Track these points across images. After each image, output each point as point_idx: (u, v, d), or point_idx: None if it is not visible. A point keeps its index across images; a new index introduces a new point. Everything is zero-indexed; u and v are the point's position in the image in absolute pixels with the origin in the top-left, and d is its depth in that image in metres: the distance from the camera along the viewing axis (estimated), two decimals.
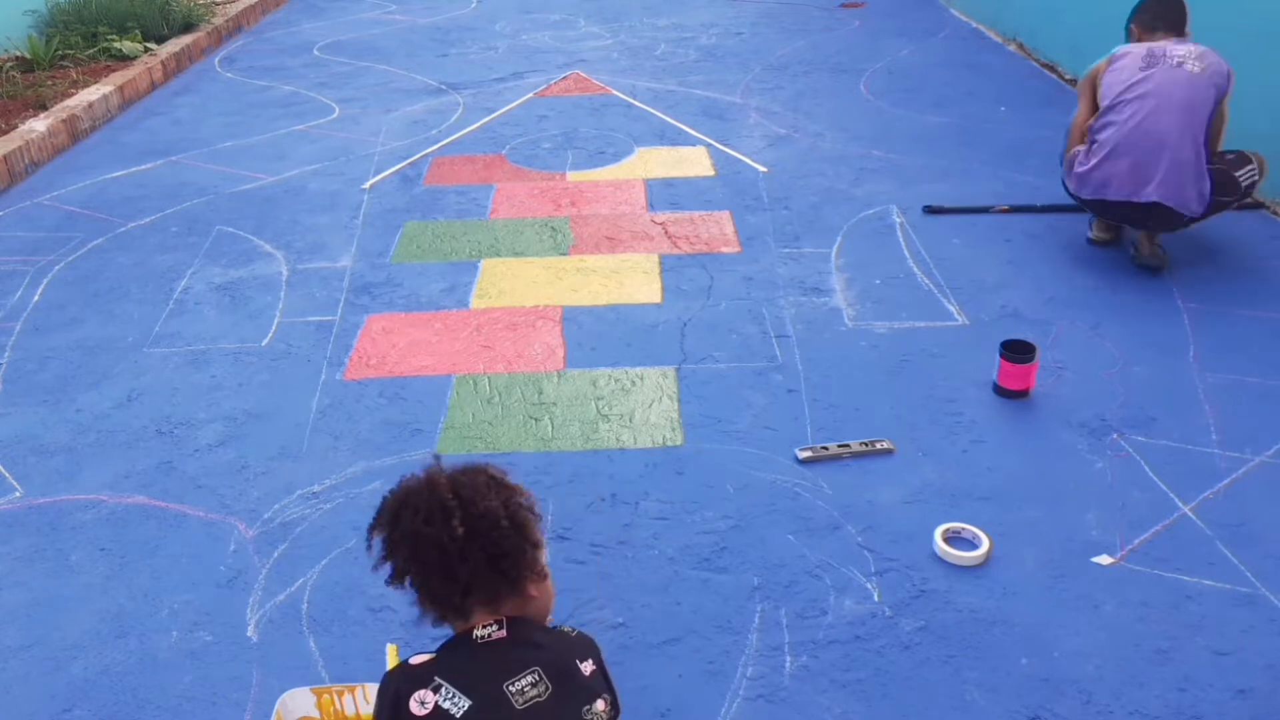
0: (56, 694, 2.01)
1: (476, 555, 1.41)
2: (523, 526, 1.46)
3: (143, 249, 3.87)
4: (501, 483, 1.49)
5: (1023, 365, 2.79)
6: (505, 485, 1.49)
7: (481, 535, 1.42)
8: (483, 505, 1.43)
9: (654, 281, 3.51)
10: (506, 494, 1.47)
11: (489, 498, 1.44)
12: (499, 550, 1.43)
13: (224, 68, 6.33)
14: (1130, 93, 3.33)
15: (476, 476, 1.47)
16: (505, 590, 1.46)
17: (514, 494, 1.49)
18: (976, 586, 2.20)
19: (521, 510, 1.48)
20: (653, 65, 6.06)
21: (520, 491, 1.51)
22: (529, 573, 1.47)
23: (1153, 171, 3.27)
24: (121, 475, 2.62)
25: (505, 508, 1.45)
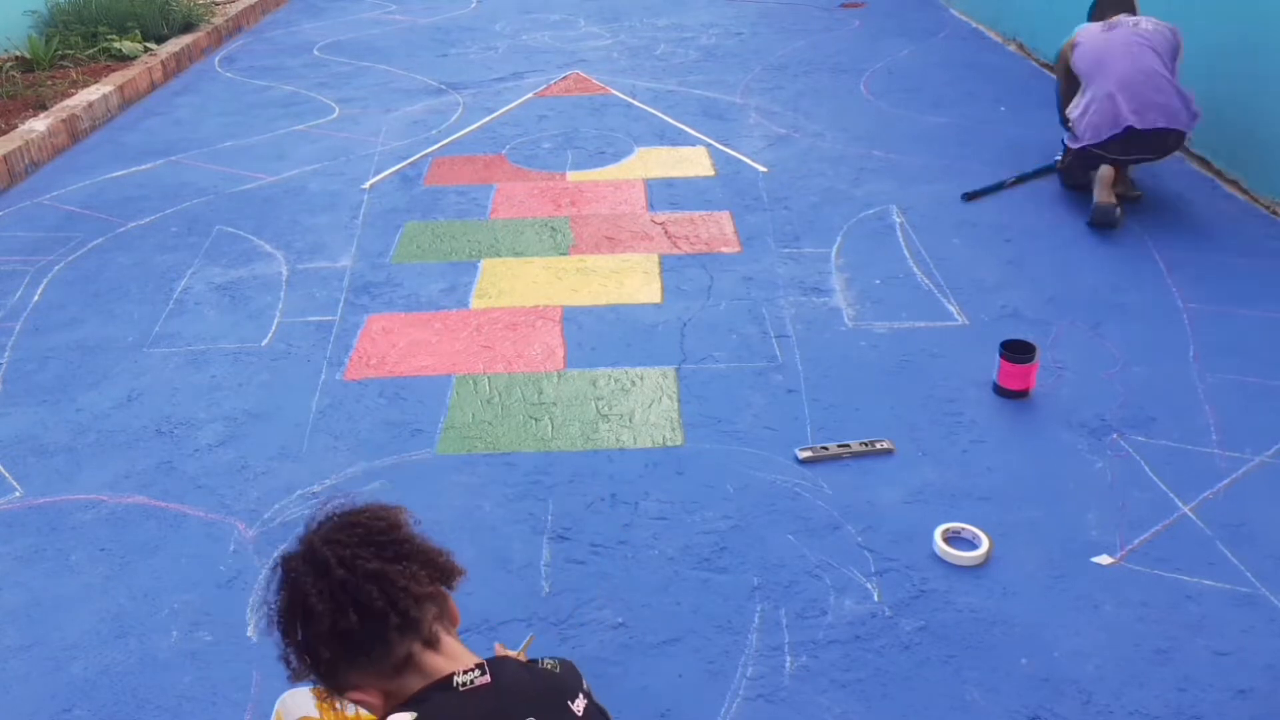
0: (56, 694, 2.01)
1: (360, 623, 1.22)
2: (379, 576, 1.25)
3: (143, 249, 3.87)
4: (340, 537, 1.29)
5: (1023, 365, 2.79)
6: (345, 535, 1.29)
7: (350, 605, 1.23)
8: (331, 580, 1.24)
9: (654, 281, 3.51)
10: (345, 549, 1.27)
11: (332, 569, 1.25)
12: (374, 610, 1.23)
13: (224, 68, 6.33)
14: (1106, 52, 3.81)
15: (315, 547, 1.28)
16: (439, 605, 1.31)
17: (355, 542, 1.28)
18: (976, 586, 2.20)
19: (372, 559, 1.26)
20: (653, 65, 6.06)
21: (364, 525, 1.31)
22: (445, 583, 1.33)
23: (1153, 99, 3.69)
24: (121, 475, 2.62)
25: (349, 568, 1.24)
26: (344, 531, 1.29)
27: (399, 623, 1.24)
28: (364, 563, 1.24)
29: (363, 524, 1.30)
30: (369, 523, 1.31)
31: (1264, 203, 3.92)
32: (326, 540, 1.28)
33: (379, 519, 1.32)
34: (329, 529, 1.30)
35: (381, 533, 1.30)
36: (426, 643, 1.27)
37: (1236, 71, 4.03)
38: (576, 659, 2.03)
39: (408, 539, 1.31)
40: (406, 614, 1.24)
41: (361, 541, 1.27)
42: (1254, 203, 3.96)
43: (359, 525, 1.30)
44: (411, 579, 1.26)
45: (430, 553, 1.32)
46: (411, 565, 1.28)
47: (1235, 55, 4.04)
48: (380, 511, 1.34)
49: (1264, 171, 3.93)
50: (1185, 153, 4.40)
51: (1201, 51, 4.26)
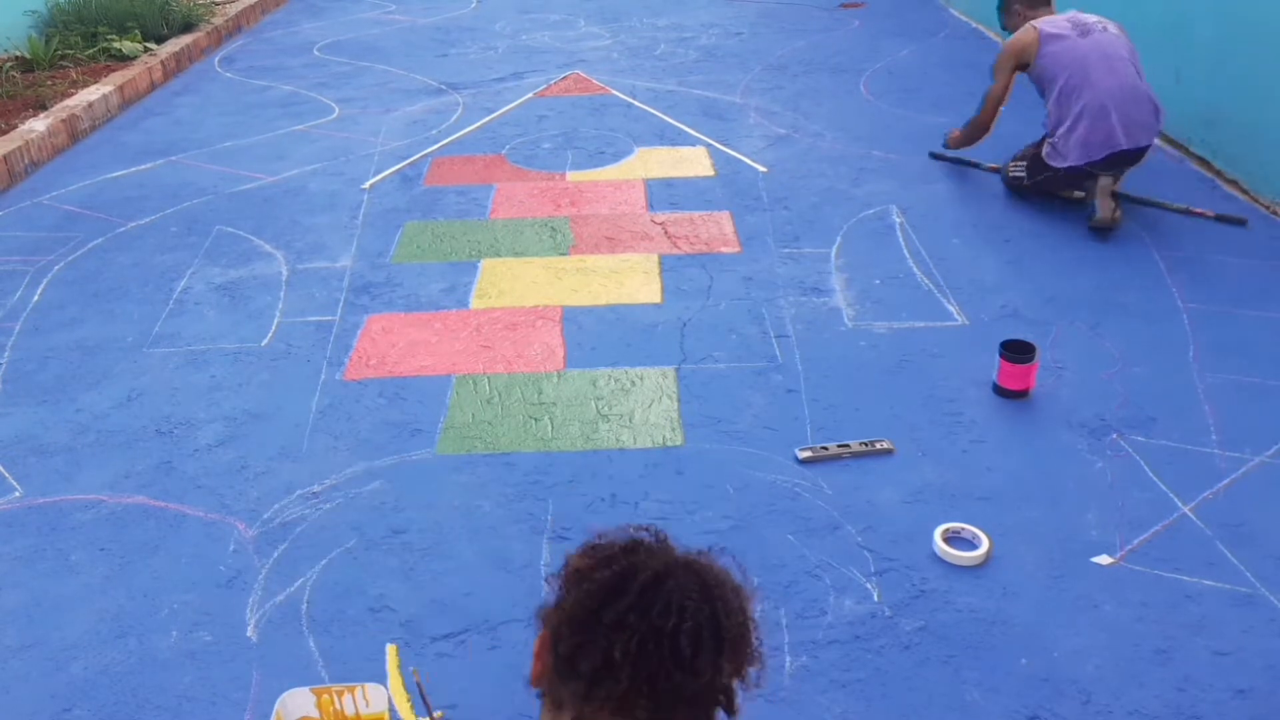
0: (56, 694, 2.01)
1: (703, 708, 1.10)
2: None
3: (142, 249, 3.86)
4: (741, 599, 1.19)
5: (1023, 365, 2.79)
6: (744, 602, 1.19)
7: (724, 693, 1.13)
8: (745, 653, 1.14)
9: (654, 281, 3.51)
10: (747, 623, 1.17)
11: (747, 648, 1.15)
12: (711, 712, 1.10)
13: (224, 68, 6.33)
14: (1085, 63, 3.71)
15: (743, 618, 1.18)
16: None
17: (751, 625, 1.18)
18: (976, 586, 2.20)
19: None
20: (652, 65, 6.06)
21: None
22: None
23: (1139, 119, 3.69)
24: (121, 475, 2.62)
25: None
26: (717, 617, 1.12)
27: (612, 707, 1.06)
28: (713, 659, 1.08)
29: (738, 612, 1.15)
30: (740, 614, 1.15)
31: (1264, 203, 3.92)
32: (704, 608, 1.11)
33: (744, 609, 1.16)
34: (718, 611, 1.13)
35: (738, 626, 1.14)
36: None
37: (1236, 71, 4.03)
38: None
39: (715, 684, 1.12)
40: (610, 712, 1.06)
41: (706, 639, 1.10)
42: (1254, 203, 3.96)
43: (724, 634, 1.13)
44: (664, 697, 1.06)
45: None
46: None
47: (1235, 55, 4.04)
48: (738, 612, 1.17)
49: (1264, 171, 3.93)
50: (1185, 153, 4.40)
51: (1202, 51, 4.27)
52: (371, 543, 2.36)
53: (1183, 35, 4.38)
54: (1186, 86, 4.37)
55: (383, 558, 2.32)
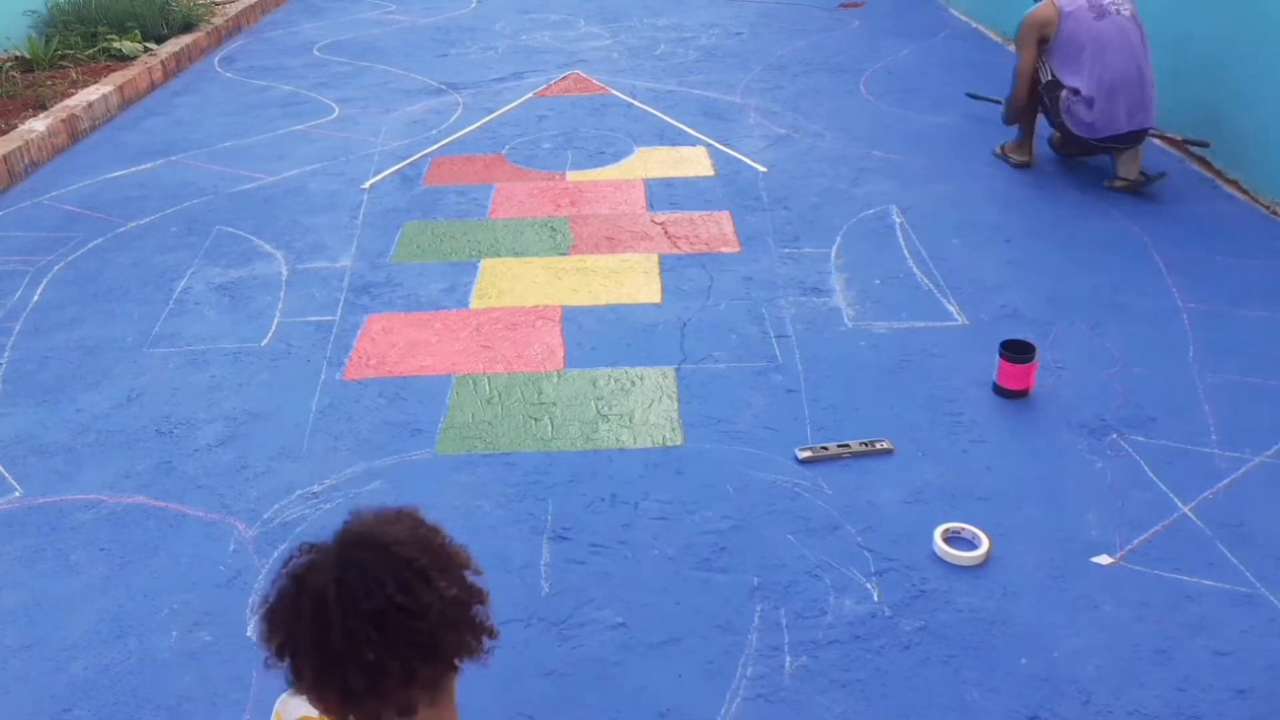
0: (56, 694, 2.00)
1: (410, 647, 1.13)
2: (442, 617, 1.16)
3: (142, 249, 3.86)
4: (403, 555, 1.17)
5: (1023, 365, 2.79)
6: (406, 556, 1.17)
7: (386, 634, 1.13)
8: (372, 601, 1.13)
9: (654, 281, 3.51)
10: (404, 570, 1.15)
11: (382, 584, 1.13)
12: (410, 648, 1.13)
13: (224, 68, 6.33)
14: (1104, 43, 3.90)
15: (368, 552, 1.16)
16: (433, 682, 1.18)
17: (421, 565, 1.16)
18: (976, 586, 2.20)
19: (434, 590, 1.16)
20: (652, 65, 6.06)
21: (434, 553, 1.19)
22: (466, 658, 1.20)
23: (1142, 103, 3.90)
24: (121, 475, 2.62)
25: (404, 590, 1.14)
26: (365, 588, 1.12)
27: (376, 705, 1.15)
28: (365, 650, 1.11)
29: (385, 589, 1.13)
30: (393, 592, 1.13)
31: (1264, 203, 3.92)
32: (341, 587, 1.13)
33: (405, 588, 1.13)
34: (353, 570, 1.14)
35: (402, 610, 1.13)
36: (403, 713, 1.17)
37: (1236, 71, 4.03)
38: (576, 659, 2.04)
39: (428, 627, 1.14)
40: (386, 700, 1.15)
41: (375, 615, 1.12)
42: (1254, 203, 3.96)
43: (381, 587, 1.13)
44: (406, 677, 1.14)
45: (447, 643, 1.17)
46: (416, 659, 1.14)
47: (1236, 55, 4.04)
48: (414, 569, 1.15)
49: (1264, 171, 3.93)
50: (1185, 153, 4.40)
51: (1202, 51, 4.27)
52: None
53: (1182, 36, 4.38)
54: (1186, 87, 4.37)
55: None
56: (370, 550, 1.17)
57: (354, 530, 1.22)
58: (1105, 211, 3.93)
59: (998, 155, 4.45)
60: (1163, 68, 4.48)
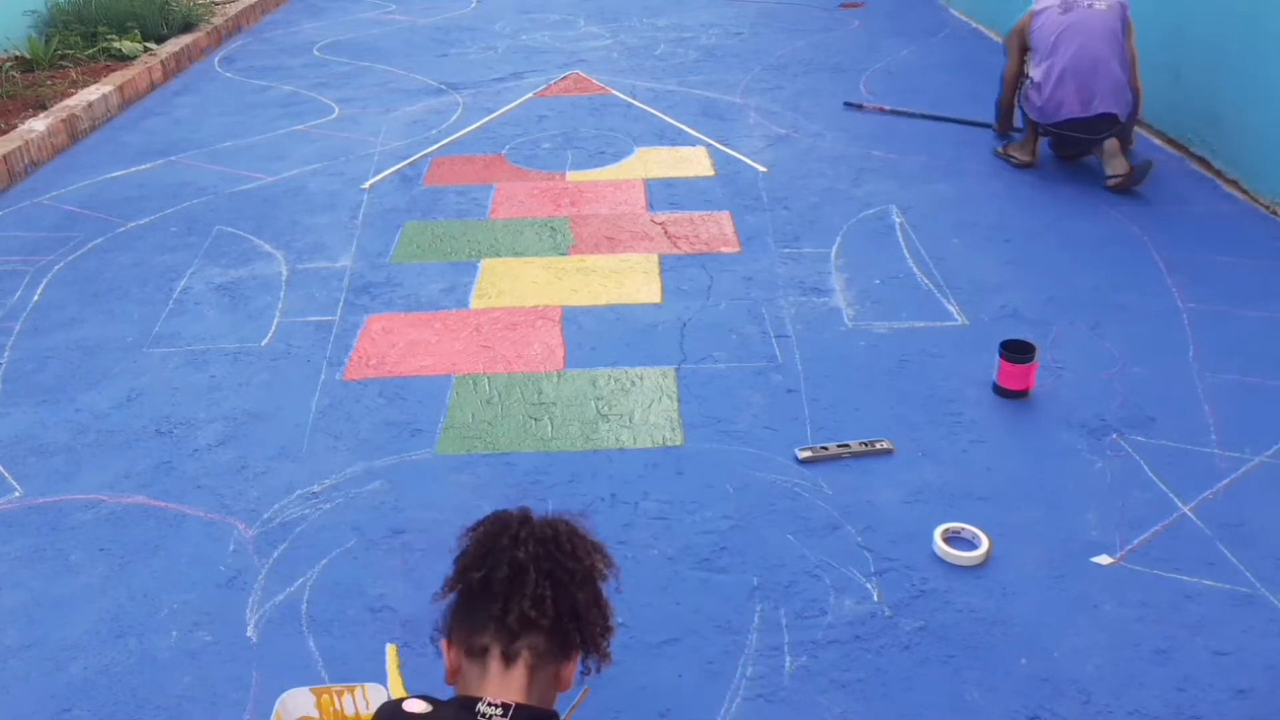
0: (56, 694, 2.00)
1: (567, 597, 1.36)
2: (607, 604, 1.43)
3: (142, 249, 3.86)
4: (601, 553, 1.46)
5: (1023, 365, 2.79)
6: (604, 556, 1.46)
7: (585, 584, 1.39)
8: (590, 560, 1.42)
9: (654, 281, 3.51)
10: (605, 562, 1.44)
11: (595, 557, 1.43)
12: (585, 605, 1.37)
13: (224, 68, 6.33)
14: (1061, 33, 4.01)
15: (585, 540, 1.45)
16: (553, 652, 1.35)
17: (608, 566, 1.46)
18: (976, 586, 2.20)
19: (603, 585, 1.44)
20: (652, 65, 6.06)
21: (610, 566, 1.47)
22: (591, 649, 1.40)
23: (1095, 88, 3.94)
24: (121, 475, 2.62)
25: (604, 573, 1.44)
26: (544, 525, 1.41)
27: (499, 614, 1.31)
28: (521, 552, 1.34)
29: (558, 533, 1.40)
30: (563, 537, 1.40)
31: (1264, 203, 3.92)
32: (526, 518, 1.41)
33: (572, 541, 1.41)
34: (543, 516, 1.44)
35: (562, 550, 1.38)
36: (506, 654, 1.32)
37: (1235, 72, 4.03)
38: None
39: (573, 573, 1.37)
40: (506, 615, 1.31)
41: (541, 540, 1.37)
42: (1254, 203, 3.96)
43: (555, 530, 1.40)
44: (536, 598, 1.32)
45: (579, 604, 1.36)
46: (550, 591, 1.33)
47: (1234, 55, 4.04)
48: (584, 542, 1.42)
49: (1264, 171, 3.93)
50: (1185, 153, 4.40)
51: (1201, 51, 4.27)
52: (371, 543, 2.36)
53: (1182, 35, 4.38)
54: (1186, 86, 4.37)
55: (383, 558, 2.32)
56: (562, 518, 1.45)
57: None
58: (1105, 212, 3.93)
59: (1000, 155, 4.46)
60: (1163, 67, 4.49)
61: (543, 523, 1.41)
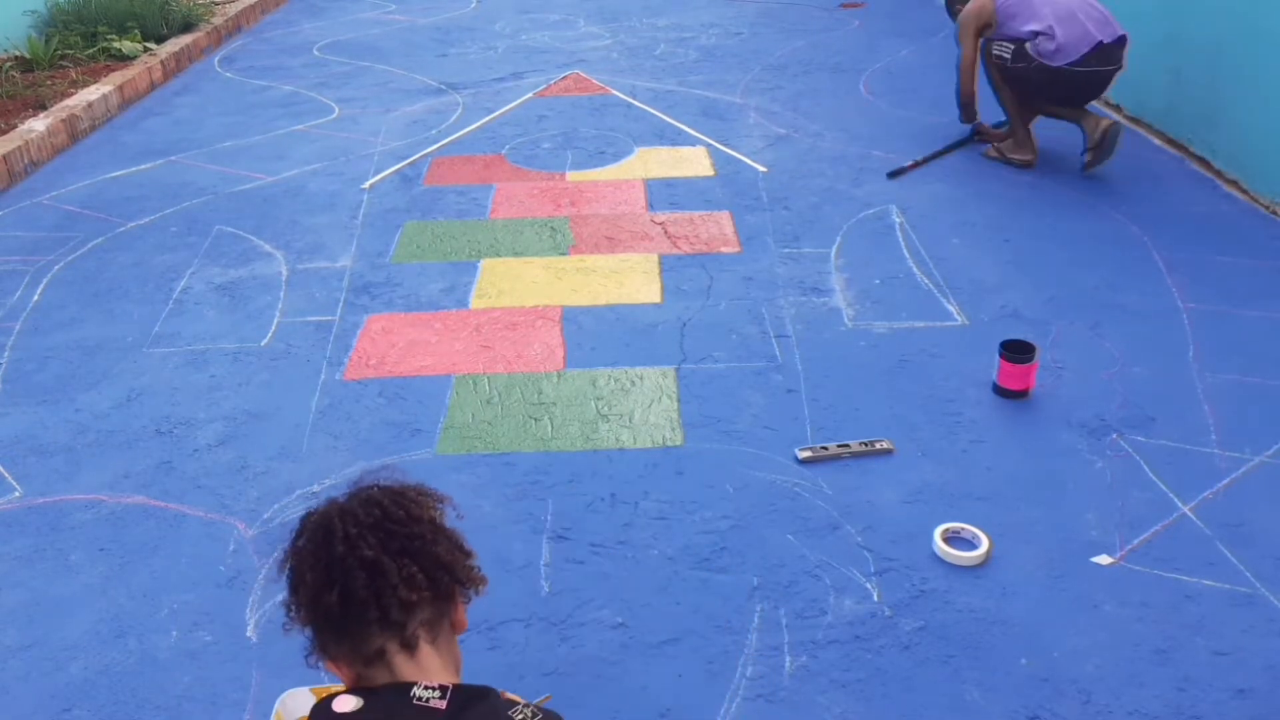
0: (56, 694, 2.00)
1: (430, 559, 1.26)
2: (441, 531, 1.31)
3: (142, 249, 3.86)
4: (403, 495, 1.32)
5: (1022, 365, 2.79)
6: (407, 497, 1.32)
7: (437, 535, 1.29)
8: (426, 511, 1.31)
9: (654, 281, 3.51)
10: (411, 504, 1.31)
11: (427, 505, 1.32)
12: (447, 553, 1.28)
13: (223, 67, 6.33)
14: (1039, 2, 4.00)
15: (370, 496, 1.31)
16: (438, 610, 1.27)
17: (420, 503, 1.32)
18: (976, 586, 2.20)
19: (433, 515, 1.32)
20: (652, 65, 6.06)
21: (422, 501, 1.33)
22: (467, 584, 1.31)
23: (1104, 16, 3.96)
24: (121, 475, 2.62)
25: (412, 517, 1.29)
26: (365, 508, 1.27)
27: (378, 617, 1.21)
28: (364, 548, 1.22)
29: (383, 507, 1.27)
30: (389, 507, 1.27)
31: (1264, 203, 3.92)
32: (344, 511, 1.26)
33: (400, 506, 1.28)
34: (355, 500, 1.29)
35: (397, 522, 1.26)
36: (404, 644, 1.23)
37: (1236, 71, 4.03)
38: (576, 659, 2.04)
39: (422, 535, 1.27)
40: (387, 613, 1.21)
41: (374, 525, 1.25)
42: (1254, 203, 3.96)
43: (379, 506, 1.27)
44: (406, 580, 1.22)
45: (441, 557, 1.28)
46: (413, 565, 1.24)
47: (1234, 55, 4.04)
48: (408, 498, 1.30)
49: (1264, 171, 3.93)
50: (1185, 153, 4.40)
51: (1201, 51, 4.27)
52: None
53: (1182, 35, 4.38)
54: (1186, 86, 4.37)
55: None
56: (370, 489, 1.32)
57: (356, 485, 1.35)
58: (1105, 212, 3.93)
59: (993, 157, 4.44)
60: (1163, 67, 4.50)
61: (362, 505, 1.27)
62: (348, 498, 1.30)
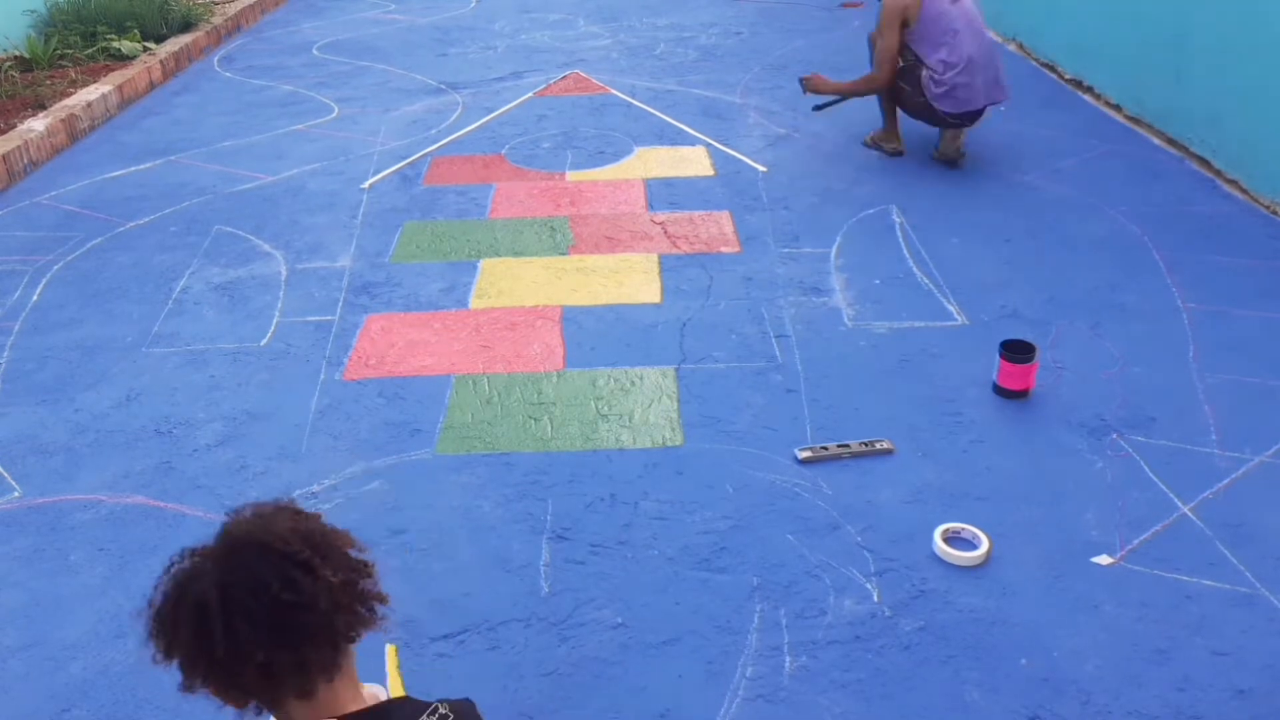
0: (55, 694, 2.00)
1: (288, 636, 1.14)
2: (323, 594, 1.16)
3: (142, 249, 3.86)
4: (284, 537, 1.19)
5: (1023, 365, 2.79)
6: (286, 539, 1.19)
7: (298, 609, 1.14)
8: (286, 571, 1.16)
9: (653, 281, 3.51)
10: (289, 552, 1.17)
11: (287, 566, 1.16)
12: (309, 631, 1.15)
13: (223, 67, 6.33)
14: (956, 24, 4.14)
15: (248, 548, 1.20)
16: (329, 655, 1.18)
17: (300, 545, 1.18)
18: (976, 586, 2.20)
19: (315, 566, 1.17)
20: (652, 65, 6.06)
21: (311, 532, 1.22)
22: (355, 633, 1.21)
23: (994, 78, 4.19)
24: (120, 475, 2.62)
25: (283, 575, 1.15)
26: (250, 593, 1.13)
27: (270, 700, 1.18)
28: (254, 652, 1.12)
29: (269, 591, 1.13)
30: (277, 591, 1.13)
31: (1264, 203, 3.92)
32: (225, 596, 1.13)
33: (289, 582, 1.14)
34: (235, 575, 1.15)
35: (289, 609, 1.13)
36: (302, 694, 1.17)
37: (1237, 72, 4.03)
38: (576, 659, 2.03)
39: (316, 613, 1.15)
40: (279, 697, 1.17)
41: (263, 618, 1.12)
42: (1254, 203, 3.96)
43: (264, 590, 1.13)
44: (298, 667, 1.14)
45: (339, 628, 1.17)
46: (308, 648, 1.15)
47: (1236, 55, 4.04)
48: (297, 562, 1.16)
49: (1264, 171, 3.93)
50: (1185, 153, 4.40)
51: (1202, 52, 4.27)
52: (371, 543, 2.31)
53: (1183, 35, 4.38)
54: (1186, 86, 4.37)
55: (382, 558, 2.29)
56: (251, 550, 1.18)
57: (233, 532, 1.23)
58: (1105, 212, 3.93)
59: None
60: (1164, 67, 4.50)
61: (247, 590, 1.13)
62: (225, 567, 1.18)
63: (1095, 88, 5.18)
